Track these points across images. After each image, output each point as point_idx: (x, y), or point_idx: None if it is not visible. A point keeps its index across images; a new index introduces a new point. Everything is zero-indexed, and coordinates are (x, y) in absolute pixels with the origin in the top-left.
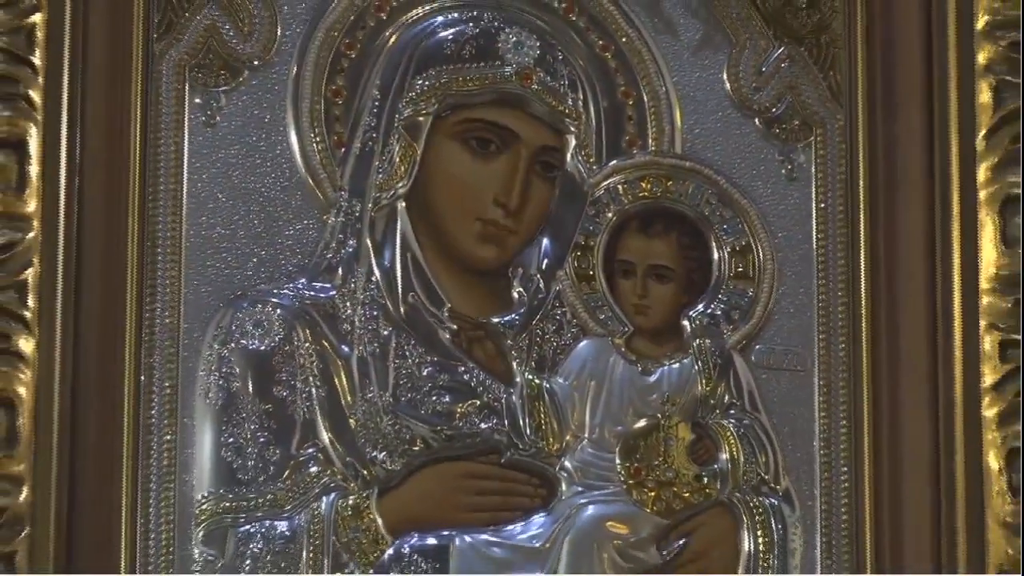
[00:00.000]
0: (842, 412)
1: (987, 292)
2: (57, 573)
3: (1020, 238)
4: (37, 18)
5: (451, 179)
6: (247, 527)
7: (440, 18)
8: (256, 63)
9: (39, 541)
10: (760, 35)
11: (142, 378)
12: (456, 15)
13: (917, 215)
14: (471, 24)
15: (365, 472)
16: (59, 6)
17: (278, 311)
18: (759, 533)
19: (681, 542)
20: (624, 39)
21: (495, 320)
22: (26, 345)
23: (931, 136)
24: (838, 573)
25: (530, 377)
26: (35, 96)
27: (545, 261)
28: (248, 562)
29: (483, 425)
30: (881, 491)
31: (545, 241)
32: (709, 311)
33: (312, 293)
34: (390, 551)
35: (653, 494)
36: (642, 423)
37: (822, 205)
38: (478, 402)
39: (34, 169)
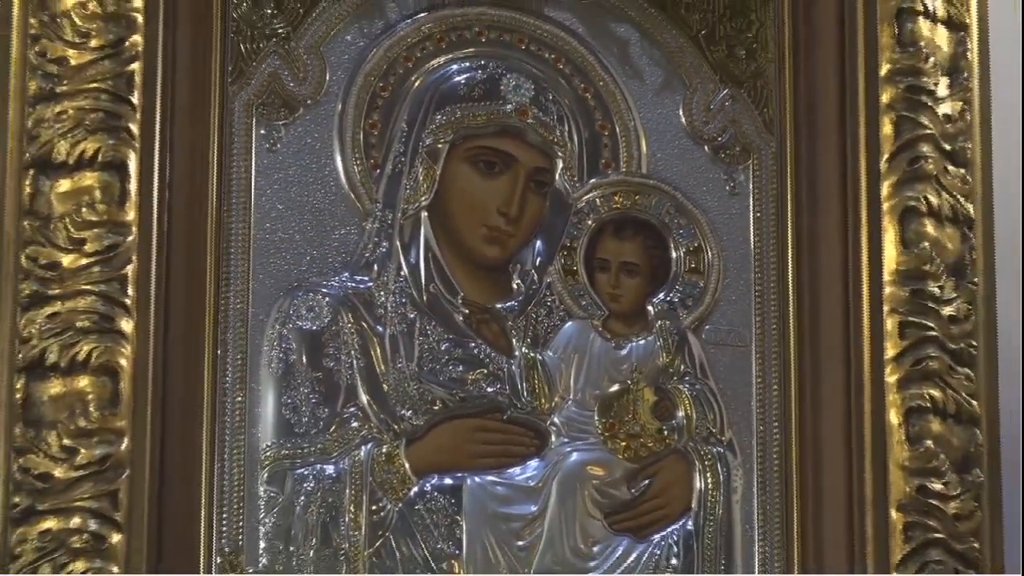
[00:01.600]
0: (774, 378)
1: (889, 283)
2: (150, 508)
3: (915, 240)
4: (135, 66)
5: (463, 194)
6: (302, 470)
7: (455, 66)
8: (309, 102)
9: (136, 481)
10: (709, 80)
11: (218, 351)
12: (467, 64)
13: (833, 223)
14: (479, 71)
15: (395, 427)
16: (152, 57)
17: (327, 299)
18: (708, 475)
19: (646, 482)
20: (601, 83)
21: (499, 305)
22: (127, 325)
23: (844, 160)
24: (770, 507)
25: (526, 351)
26: (134, 128)
27: (538, 259)
28: (302, 498)
29: (489, 389)
30: (805, 442)
31: (538, 243)
32: (668, 298)
33: (353, 284)
34: (415, 489)
35: (624, 444)
36: (615, 387)
37: (758, 215)
38: (485, 371)
39: (133, 186)
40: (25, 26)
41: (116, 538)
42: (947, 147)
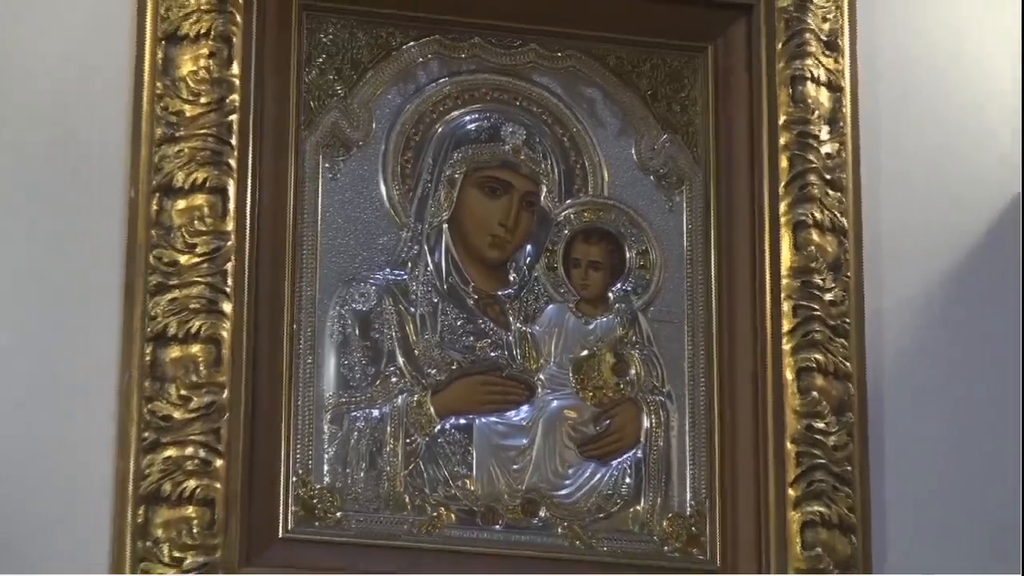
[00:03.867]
0: (701, 346)
1: (785, 277)
2: (244, 441)
3: (804, 245)
4: (234, 117)
5: (473, 211)
6: (355, 413)
7: (468, 117)
8: (360, 143)
9: (234, 421)
10: (653, 128)
11: (294, 326)
12: (477, 115)
13: (745, 232)
14: (485, 121)
15: (424, 381)
16: (246, 111)
17: (374, 287)
18: (653, 417)
19: (607, 422)
20: (575, 129)
21: (499, 293)
22: (227, 307)
23: (753, 186)
24: (698, 440)
25: (520, 326)
26: (232, 163)
27: (528, 258)
28: (355, 433)
29: (492, 354)
30: (724, 392)
31: (528, 247)
32: (624, 287)
33: (393, 277)
34: (438, 427)
35: (591, 394)
36: (584, 353)
37: (689, 226)
38: (489, 341)
39: (232, 205)
40: (153, 88)
41: (219, 463)
42: (828, 177)
